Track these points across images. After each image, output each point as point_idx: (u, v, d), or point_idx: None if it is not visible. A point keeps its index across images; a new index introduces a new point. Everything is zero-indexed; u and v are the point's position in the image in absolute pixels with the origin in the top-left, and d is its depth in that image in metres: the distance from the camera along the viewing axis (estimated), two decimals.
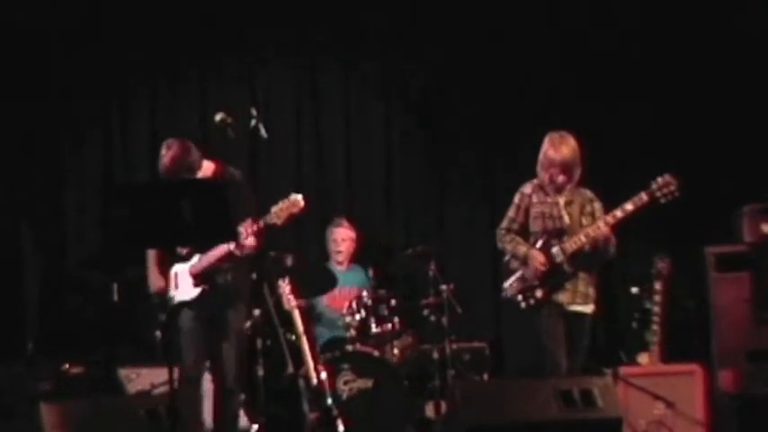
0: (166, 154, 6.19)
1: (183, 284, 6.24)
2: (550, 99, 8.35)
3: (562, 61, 8.40)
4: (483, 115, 8.54)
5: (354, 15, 8.44)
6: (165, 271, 6.30)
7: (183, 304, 6.22)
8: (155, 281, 6.31)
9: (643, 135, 8.36)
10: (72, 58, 8.25)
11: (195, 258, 6.22)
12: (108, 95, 8.44)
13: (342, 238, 7.92)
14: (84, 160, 8.37)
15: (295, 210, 6.16)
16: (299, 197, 6.16)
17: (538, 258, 6.45)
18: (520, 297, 6.53)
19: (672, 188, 6.35)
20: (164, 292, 6.26)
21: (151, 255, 6.35)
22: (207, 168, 6.30)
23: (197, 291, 6.20)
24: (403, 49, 8.54)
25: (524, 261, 6.50)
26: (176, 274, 6.27)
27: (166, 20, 8.29)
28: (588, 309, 6.56)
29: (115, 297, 6.47)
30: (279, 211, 6.13)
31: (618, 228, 6.42)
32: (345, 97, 8.64)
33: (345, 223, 7.98)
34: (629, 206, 6.38)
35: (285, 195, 8.42)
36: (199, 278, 6.20)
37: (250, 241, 6.09)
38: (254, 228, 6.04)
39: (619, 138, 8.35)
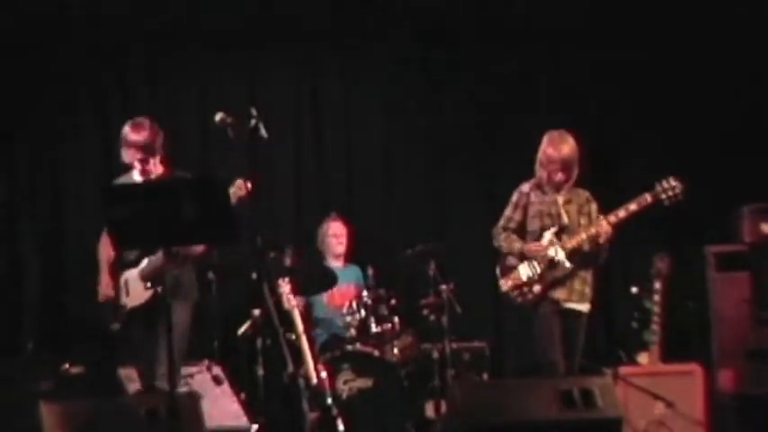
0: (144, 129, 6.17)
1: (133, 291, 6.20)
2: (550, 99, 8.36)
3: (563, 61, 8.41)
4: (483, 115, 8.55)
5: (355, 15, 8.44)
6: (115, 279, 6.25)
7: (135, 310, 6.17)
8: (104, 289, 6.26)
9: (643, 135, 8.36)
10: (71, 58, 8.26)
11: (144, 262, 6.17)
12: (108, 95, 8.44)
13: (341, 232, 7.94)
14: (84, 160, 8.36)
15: (242, 193, 6.15)
16: (241, 180, 6.12)
17: (534, 247, 6.47)
18: (516, 292, 6.55)
19: (677, 191, 6.36)
20: (113, 301, 6.21)
21: (104, 263, 6.31)
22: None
23: (147, 294, 6.15)
24: (404, 49, 8.55)
25: (521, 257, 6.52)
26: (126, 281, 6.23)
27: (166, 19, 8.29)
28: (584, 307, 6.57)
29: None
30: None
31: (618, 228, 6.43)
32: (345, 97, 8.64)
33: (340, 219, 7.98)
34: (632, 206, 6.39)
35: (285, 195, 8.46)
36: (148, 281, 6.15)
37: (199, 247, 6.10)
38: None
39: (618, 137, 8.36)
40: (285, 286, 6.65)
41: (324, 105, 8.63)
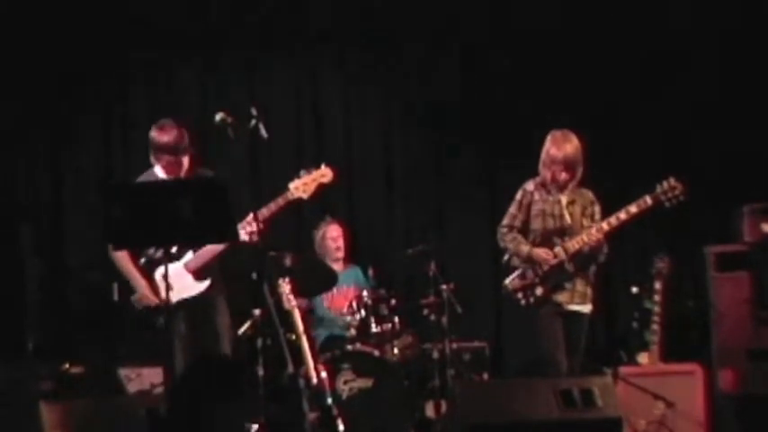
0: (171, 130, 6.17)
1: (178, 284, 5.98)
2: (552, 99, 8.35)
3: (565, 61, 8.40)
4: (484, 115, 8.54)
5: (354, 15, 8.44)
6: (148, 279, 6.16)
7: (181, 304, 6.07)
8: (148, 295, 6.13)
9: (643, 135, 8.35)
10: (71, 57, 8.26)
11: (189, 255, 6.15)
12: (107, 95, 8.44)
13: (338, 234, 7.93)
14: (84, 160, 8.37)
15: (324, 180, 6.24)
16: (326, 167, 6.21)
17: (544, 254, 6.44)
18: (520, 294, 6.54)
19: (677, 192, 6.34)
20: (157, 303, 6.07)
21: (130, 266, 6.18)
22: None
23: (204, 284, 6.17)
24: (403, 49, 8.55)
25: (528, 260, 6.50)
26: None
27: (166, 19, 8.29)
28: (586, 308, 6.56)
29: (115, 297, 6.45)
30: (303, 185, 6.17)
31: (619, 229, 6.42)
32: (345, 97, 8.64)
33: (335, 221, 7.98)
34: (632, 209, 6.37)
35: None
36: (200, 273, 6.16)
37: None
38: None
39: (618, 137, 8.36)
40: (285, 286, 6.65)
41: (324, 106, 8.64)
